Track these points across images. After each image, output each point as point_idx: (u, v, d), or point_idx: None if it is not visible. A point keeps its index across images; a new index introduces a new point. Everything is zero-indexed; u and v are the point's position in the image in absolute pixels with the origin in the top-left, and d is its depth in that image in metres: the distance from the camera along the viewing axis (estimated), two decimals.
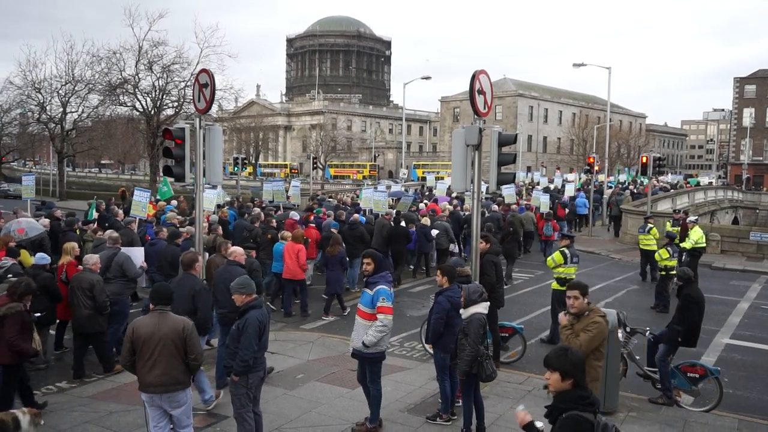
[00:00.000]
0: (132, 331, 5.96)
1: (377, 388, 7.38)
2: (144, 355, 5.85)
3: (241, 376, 6.30)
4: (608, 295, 16.23)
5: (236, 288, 6.51)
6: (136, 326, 5.97)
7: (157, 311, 6.01)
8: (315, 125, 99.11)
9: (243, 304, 6.43)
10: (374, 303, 7.10)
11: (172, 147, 9.35)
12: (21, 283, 7.65)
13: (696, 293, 8.87)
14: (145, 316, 6.19)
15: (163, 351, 5.83)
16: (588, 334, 6.40)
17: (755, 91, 79.28)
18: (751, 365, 10.89)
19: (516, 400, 8.44)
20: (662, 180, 45.39)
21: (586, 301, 6.63)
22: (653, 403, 8.65)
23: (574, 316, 6.56)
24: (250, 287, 6.52)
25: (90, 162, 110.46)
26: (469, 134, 8.55)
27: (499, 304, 10.47)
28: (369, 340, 7.02)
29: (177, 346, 5.86)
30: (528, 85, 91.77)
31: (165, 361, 5.83)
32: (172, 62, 40.53)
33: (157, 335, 5.84)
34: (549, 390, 4.00)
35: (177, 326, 5.93)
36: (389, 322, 7.13)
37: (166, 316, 5.98)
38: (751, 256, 23.73)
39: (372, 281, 7.28)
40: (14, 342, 7.25)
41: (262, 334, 6.38)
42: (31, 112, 53.18)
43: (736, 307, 15.37)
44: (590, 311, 6.60)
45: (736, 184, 63.56)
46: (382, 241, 16.28)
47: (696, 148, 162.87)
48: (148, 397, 5.96)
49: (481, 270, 10.53)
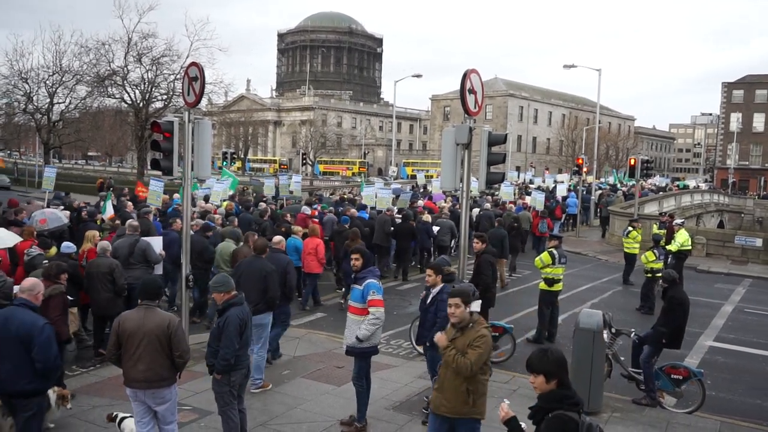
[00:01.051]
0: (118, 324, 5.87)
1: (362, 383, 7.35)
2: (129, 350, 5.78)
3: (224, 374, 6.26)
4: (594, 296, 16.33)
5: (214, 286, 6.46)
6: (123, 320, 5.90)
7: (144, 306, 5.93)
8: (305, 121, 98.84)
9: (222, 301, 6.37)
10: (365, 297, 7.11)
11: (161, 140, 9.23)
12: (52, 265, 8.06)
13: (681, 295, 8.95)
14: (131, 310, 6.10)
15: (147, 347, 5.75)
16: (477, 351, 5.50)
17: (743, 96, 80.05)
18: (734, 368, 11.00)
19: (501, 399, 8.45)
20: (651, 183, 45.78)
21: (468, 311, 5.73)
22: (637, 404, 8.71)
23: (456, 329, 5.71)
24: (228, 284, 6.45)
25: (77, 154, 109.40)
26: (459, 133, 8.54)
27: (491, 303, 10.49)
28: (363, 334, 7.04)
29: (162, 343, 5.79)
30: (519, 85, 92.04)
31: (149, 356, 5.76)
32: (161, 55, 40.21)
33: (142, 330, 5.77)
34: (536, 392, 4.00)
35: (162, 322, 5.85)
36: (381, 314, 7.15)
37: (152, 311, 5.91)
38: (735, 260, 23.99)
39: (360, 276, 7.29)
40: (58, 322, 7.36)
41: (243, 331, 6.32)
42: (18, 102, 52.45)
43: (720, 310, 15.52)
44: (474, 323, 5.71)
45: (722, 188, 64.18)
46: (384, 237, 16.72)
47: (683, 152, 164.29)
48: (132, 392, 5.90)
49: (478, 269, 10.55)
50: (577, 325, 8.39)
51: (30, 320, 5.57)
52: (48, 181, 21.76)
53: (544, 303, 11.91)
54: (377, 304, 7.08)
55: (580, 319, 8.40)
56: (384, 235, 16.77)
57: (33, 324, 5.55)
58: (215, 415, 6.67)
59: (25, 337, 5.48)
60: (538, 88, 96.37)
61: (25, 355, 5.48)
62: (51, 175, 22.22)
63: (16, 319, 5.56)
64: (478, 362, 5.50)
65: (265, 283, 8.54)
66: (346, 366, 8.91)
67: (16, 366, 5.49)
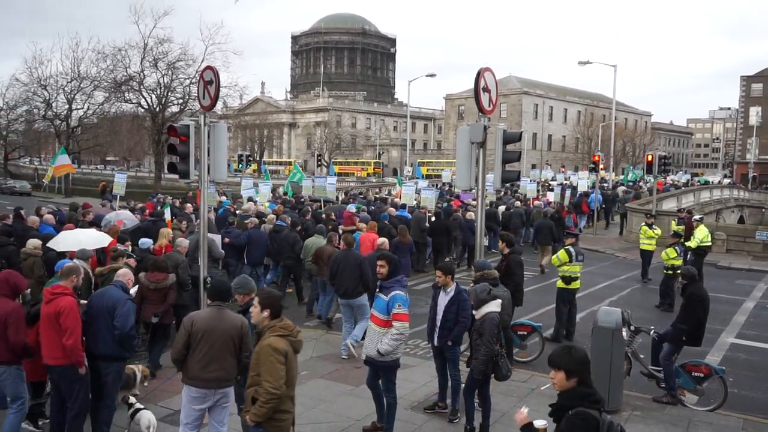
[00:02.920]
0: (191, 323, 5.80)
1: (392, 395, 7.09)
2: (201, 349, 5.72)
3: (244, 374, 6.27)
4: (613, 294, 16.19)
5: (236, 288, 6.45)
6: (196, 319, 5.86)
7: (216, 306, 5.94)
8: (319, 122, 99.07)
9: (243, 303, 6.37)
10: (389, 309, 6.79)
11: (177, 144, 9.32)
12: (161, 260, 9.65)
13: (700, 292, 8.84)
14: (202, 310, 6.19)
15: (222, 347, 5.75)
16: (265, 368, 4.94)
17: (762, 89, 78.81)
18: (756, 365, 10.85)
19: (520, 398, 8.43)
20: (672, 179, 45.66)
21: (266, 314, 5.12)
22: (657, 402, 8.63)
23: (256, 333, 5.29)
24: (248, 287, 6.46)
25: (95, 159, 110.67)
26: (473, 132, 8.53)
27: (519, 302, 10.48)
28: (384, 349, 6.73)
29: (235, 343, 5.81)
30: (533, 82, 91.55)
31: (222, 356, 5.76)
32: (177, 59, 40.75)
33: (218, 330, 5.75)
34: (555, 388, 3.98)
35: (236, 323, 5.86)
36: (406, 330, 6.83)
37: (224, 311, 5.89)
38: (756, 256, 23.62)
39: (386, 285, 6.98)
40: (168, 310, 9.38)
41: None
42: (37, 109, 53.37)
43: (741, 307, 15.32)
44: (269, 328, 5.09)
45: (742, 183, 63.25)
46: (420, 234, 17.78)
47: (702, 147, 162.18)
48: (199, 392, 5.81)
49: (508, 270, 10.52)
50: (596, 323, 8.33)
51: (118, 296, 6.80)
52: (119, 186, 23.41)
53: (562, 301, 11.84)
54: (402, 319, 6.75)
55: (598, 317, 8.34)
56: (420, 232, 17.77)
57: (119, 299, 6.75)
58: (235, 416, 6.71)
59: (110, 308, 6.66)
60: (552, 85, 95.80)
61: (110, 324, 6.61)
62: (121, 180, 23.80)
63: (107, 295, 6.87)
64: (268, 380, 4.87)
65: (360, 270, 10.33)
66: (363, 367, 8.92)
67: (103, 332, 6.62)
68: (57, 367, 6.45)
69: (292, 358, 5.10)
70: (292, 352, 5.10)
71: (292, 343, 5.11)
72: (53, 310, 6.37)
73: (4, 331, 6.36)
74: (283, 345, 5.00)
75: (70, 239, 10.55)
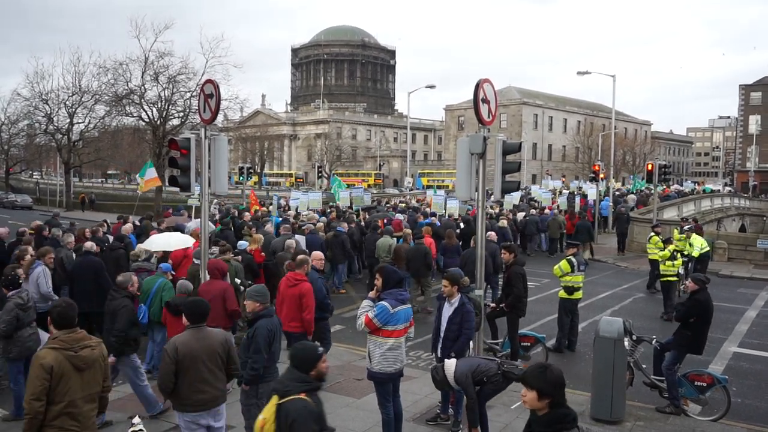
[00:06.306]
0: (175, 350, 5.52)
1: (385, 411, 7.06)
2: (191, 374, 5.55)
3: (251, 385, 6.27)
4: (614, 303, 16.16)
5: (254, 294, 6.45)
6: (179, 344, 5.59)
7: (193, 328, 5.74)
8: (320, 134, 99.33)
9: (253, 312, 6.38)
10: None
11: (178, 157, 9.35)
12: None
13: (705, 299, 8.81)
14: (182, 335, 5.80)
15: (212, 366, 5.66)
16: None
17: (761, 98, 79.04)
18: (759, 374, 10.81)
19: (522, 409, 8.39)
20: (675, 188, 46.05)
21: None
22: (660, 412, 8.59)
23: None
24: (265, 297, 6.47)
25: (96, 172, 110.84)
26: (473, 143, 8.55)
27: (522, 314, 10.44)
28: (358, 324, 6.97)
29: (222, 359, 5.75)
30: (533, 93, 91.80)
31: (213, 375, 5.68)
32: (177, 73, 40.78)
33: (205, 350, 5.63)
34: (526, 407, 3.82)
35: (220, 338, 5.78)
36: (361, 326, 6.86)
37: (204, 330, 5.76)
38: (758, 264, 23.57)
39: (382, 297, 7.02)
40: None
41: (272, 343, 6.33)
42: (39, 123, 53.60)
43: (743, 315, 15.28)
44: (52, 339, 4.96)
45: (743, 192, 63.25)
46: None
47: (702, 156, 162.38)
48: (194, 417, 5.68)
49: (509, 282, 10.49)
50: (598, 333, 8.31)
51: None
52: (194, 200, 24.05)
53: (564, 311, 11.82)
54: (366, 320, 6.78)
55: (600, 327, 8.32)
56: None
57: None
58: (240, 428, 6.70)
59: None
60: (552, 95, 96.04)
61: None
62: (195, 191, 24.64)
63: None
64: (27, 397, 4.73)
65: (425, 259, 14.30)
66: (364, 379, 8.89)
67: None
68: (294, 333, 8.35)
69: (69, 374, 4.80)
70: (69, 367, 4.81)
71: (69, 358, 4.83)
72: (297, 291, 8.49)
73: (223, 302, 8.28)
74: (51, 359, 4.75)
75: (161, 241, 12.61)
